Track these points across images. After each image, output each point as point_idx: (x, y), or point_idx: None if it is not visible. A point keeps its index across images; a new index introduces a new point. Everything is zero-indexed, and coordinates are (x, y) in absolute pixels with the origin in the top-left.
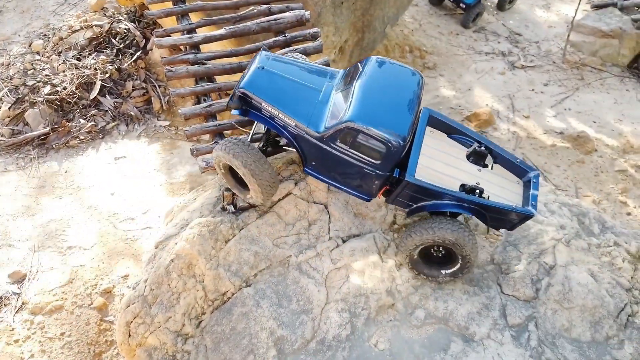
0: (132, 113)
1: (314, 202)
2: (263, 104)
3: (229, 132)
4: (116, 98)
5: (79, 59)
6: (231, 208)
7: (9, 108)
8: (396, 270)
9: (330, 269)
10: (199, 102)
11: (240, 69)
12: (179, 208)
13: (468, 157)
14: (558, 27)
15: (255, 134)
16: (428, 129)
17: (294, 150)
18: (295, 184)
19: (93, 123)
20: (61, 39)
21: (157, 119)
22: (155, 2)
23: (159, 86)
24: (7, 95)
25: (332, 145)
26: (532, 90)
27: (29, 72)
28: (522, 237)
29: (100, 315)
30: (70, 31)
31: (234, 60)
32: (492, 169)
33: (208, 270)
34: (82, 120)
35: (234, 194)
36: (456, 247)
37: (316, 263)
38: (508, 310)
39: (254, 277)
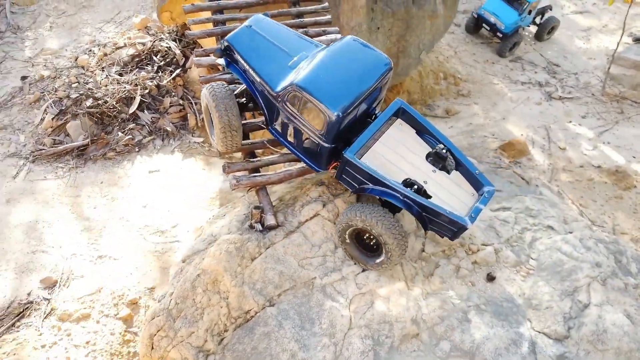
0: (168, 128)
1: None
2: (239, 58)
3: (260, 150)
4: (154, 113)
5: (121, 75)
6: (259, 226)
7: (52, 119)
8: (422, 299)
9: (355, 294)
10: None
11: None
12: (208, 223)
13: (427, 156)
14: (598, 59)
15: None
16: (398, 121)
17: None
18: (324, 206)
19: (130, 136)
20: (106, 54)
21: (192, 135)
22: (196, 23)
23: (196, 103)
24: (52, 107)
25: (284, 106)
26: (570, 122)
27: (73, 85)
28: (555, 273)
29: (125, 326)
30: (114, 48)
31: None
32: (449, 174)
33: (233, 287)
34: (120, 134)
35: (262, 212)
36: (379, 236)
37: (341, 287)
38: (538, 347)
39: (278, 297)
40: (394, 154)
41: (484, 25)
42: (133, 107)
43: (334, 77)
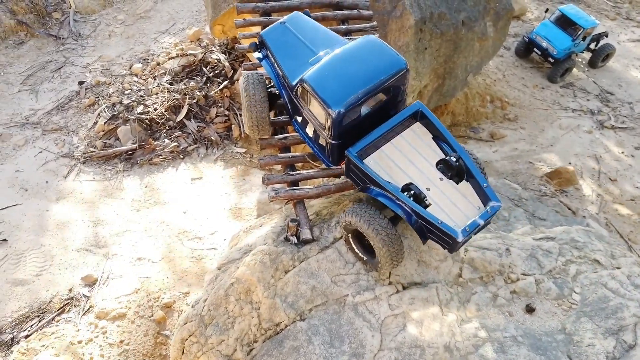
0: (212, 138)
1: None
2: (269, 53)
3: (299, 164)
4: (200, 122)
5: (171, 84)
6: (294, 239)
7: (105, 123)
8: (457, 326)
9: (387, 315)
10: (275, 134)
11: None
12: (245, 233)
13: (438, 163)
14: None
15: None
16: (417, 124)
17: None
18: None
19: (176, 144)
20: (158, 64)
21: (235, 146)
22: (246, 37)
23: (240, 115)
24: (105, 111)
25: (297, 99)
26: (622, 152)
27: (126, 92)
28: (600, 310)
29: (159, 328)
30: (167, 58)
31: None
32: (457, 184)
33: (265, 299)
34: (166, 140)
35: (298, 225)
36: (369, 238)
37: (373, 306)
38: None
39: (309, 311)
40: (402, 157)
41: (535, 49)
42: (180, 116)
43: (341, 74)
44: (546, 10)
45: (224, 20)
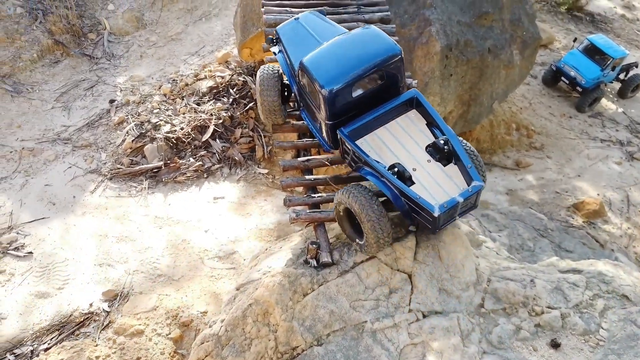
0: (236, 158)
1: (398, 270)
2: (283, 46)
3: (321, 187)
4: (225, 142)
5: (198, 104)
6: (314, 262)
7: (132, 141)
8: (478, 359)
9: (406, 343)
10: (298, 156)
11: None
12: (264, 254)
13: (427, 147)
14: None
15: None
16: (412, 111)
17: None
18: None
19: (201, 163)
20: (187, 84)
21: (258, 166)
22: (273, 61)
23: (264, 136)
24: (133, 129)
25: (300, 82)
26: None
27: (154, 111)
28: (629, 347)
29: (175, 346)
30: (195, 79)
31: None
32: (444, 166)
33: (282, 321)
34: (191, 159)
35: (318, 248)
36: (356, 216)
37: (392, 334)
38: None
39: (327, 336)
40: (394, 140)
41: (562, 78)
42: (206, 136)
43: (336, 58)
44: (574, 40)
45: (252, 44)
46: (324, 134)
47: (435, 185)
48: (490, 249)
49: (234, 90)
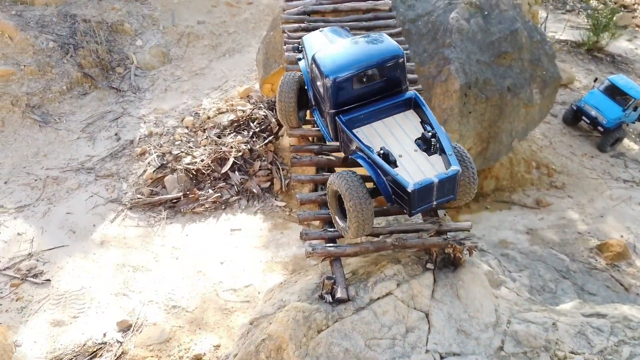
0: (254, 190)
1: (415, 308)
2: (305, 53)
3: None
4: (243, 175)
5: (219, 137)
6: (329, 298)
7: (153, 171)
8: None
9: None
10: (316, 190)
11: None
12: (279, 288)
13: (416, 139)
14: None
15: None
16: (410, 111)
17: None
18: (398, 285)
19: (219, 194)
20: (208, 117)
21: (275, 199)
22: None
23: (283, 169)
24: (155, 160)
25: (312, 76)
26: None
27: (176, 143)
28: None
29: None
30: (217, 112)
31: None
32: (429, 156)
33: (296, 358)
34: (210, 191)
35: (334, 283)
36: (342, 197)
37: None
38: None
39: None
40: (387, 132)
41: (583, 118)
42: (225, 168)
43: (342, 55)
44: (595, 80)
45: (273, 80)
46: (328, 125)
47: (417, 170)
48: (511, 289)
49: (255, 123)
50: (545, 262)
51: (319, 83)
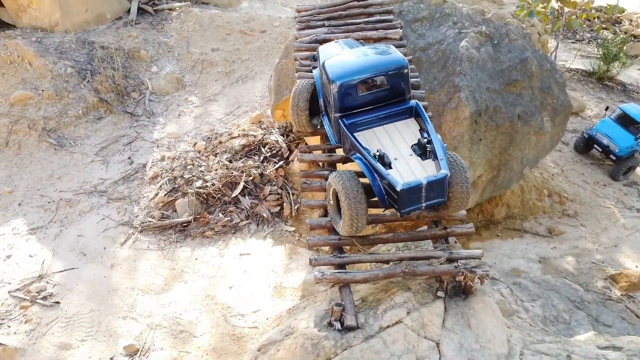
0: (264, 214)
1: (425, 337)
2: (319, 60)
3: (347, 246)
4: (253, 199)
5: (230, 161)
6: (338, 325)
7: (165, 195)
8: None
9: None
10: (325, 216)
11: (371, 188)
12: (288, 314)
13: (413, 145)
14: None
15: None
16: (412, 119)
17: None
18: (408, 313)
19: (229, 218)
20: (220, 142)
21: (285, 224)
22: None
23: (293, 194)
24: (166, 184)
25: (322, 82)
26: None
27: (188, 167)
28: None
29: None
30: (229, 137)
31: (366, 179)
32: (423, 160)
33: None
34: (220, 215)
35: (343, 310)
36: (340, 197)
37: None
38: None
39: None
40: (386, 137)
41: (595, 146)
42: (236, 192)
43: (350, 62)
44: (606, 108)
45: (285, 105)
46: (333, 129)
47: (410, 172)
48: (523, 319)
49: (265, 148)
50: (558, 291)
51: (327, 88)
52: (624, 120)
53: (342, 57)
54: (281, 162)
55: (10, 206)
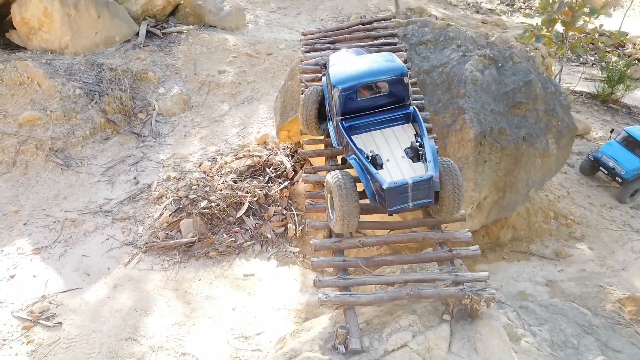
0: (268, 235)
1: None
2: (328, 67)
3: (352, 268)
4: (258, 220)
5: (235, 182)
6: (342, 348)
7: (170, 215)
8: None
9: None
10: (330, 236)
11: (375, 210)
12: (291, 336)
13: (406, 148)
14: None
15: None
16: (409, 125)
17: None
18: (413, 337)
19: (233, 239)
20: (226, 163)
21: (289, 245)
22: (309, 144)
23: (297, 215)
24: (171, 204)
25: (327, 86)
26: None
27: (193, 187)
28: None
29: None
30: (234, 157)
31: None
32: (414, 162)
33: None
34: (224, 235)
35: (347, 333)
36: (333, 193)
37: None
38: None
39: None
40: (383, 140)
41: (601, 168)
42: (240, 212)
43: (352, 68)
44: (611, 131)
45: (290, 127)
46: (336, 132)
47: (399, 173)
48: (531, 344)
49: (270, 169)
50: (566, 315)
51: (330, 93)
52: (630, 142)
53: (346, 63)
54: (286, 183)
55: (15, 226)
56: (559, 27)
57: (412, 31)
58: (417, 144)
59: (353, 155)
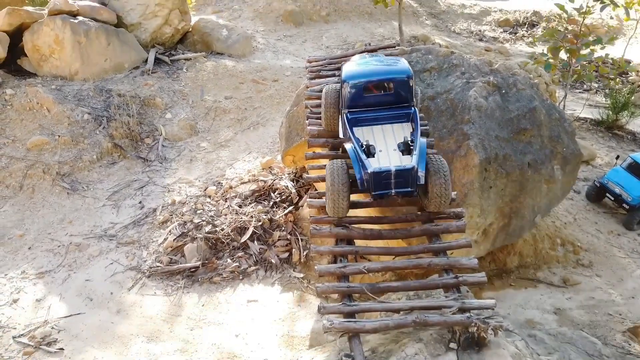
0: (272, 260)
1: None
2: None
3: (357, 295)
4: (262, 244)
5: (240, 206)
6: None
7: (174, 240)
8: None
9: None
10: (335, 262)
11: (380, 236)
12: None
13: (399, 143)
14: None
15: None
16: (408, 124)
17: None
18: None
19: (237, 264)
20: (231, 187)
21: (293, 270)
22: (314, 169)
23: (302, 240)
24: (176, 229)
25: (340, 82)
26: None
27: (198, 212)
28: None
29: None
30: (239, 182)
31: (376, 227)
32: (403, 155)
33: None
34: (229, 260)
35: None
36: (326, 177)
37: None
38: None
39: None
40: (380, 134)
41: (607, 194)
42: (245, 237)
43: (362, 68)
44: (617, 157)
45: (295, 152)
46: (342, 125)
47: (387, 162)
48: None
49: (275, 194)
50: (575, 345)
51: (340, 89)
52: (636, 169)
53: (357, 63)
54: (291, 208)
55: (20, 250)
56: (563, 55)
57: (417, 58)
58: (409, 139)
59: (350, 144)
